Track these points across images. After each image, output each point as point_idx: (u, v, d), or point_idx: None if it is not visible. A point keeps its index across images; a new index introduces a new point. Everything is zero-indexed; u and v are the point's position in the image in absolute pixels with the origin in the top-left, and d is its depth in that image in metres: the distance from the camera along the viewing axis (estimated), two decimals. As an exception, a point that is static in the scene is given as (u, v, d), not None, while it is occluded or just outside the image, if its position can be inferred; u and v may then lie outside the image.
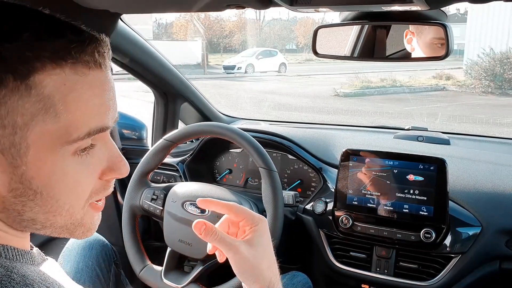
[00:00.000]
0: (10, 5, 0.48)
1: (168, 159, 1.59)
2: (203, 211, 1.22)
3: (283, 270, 1.33)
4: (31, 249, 0.55)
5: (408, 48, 1.16)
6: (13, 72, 0.43)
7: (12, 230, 0.51)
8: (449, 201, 1.18)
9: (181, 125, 1.82)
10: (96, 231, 0.58)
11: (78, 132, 0.47)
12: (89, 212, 0.54)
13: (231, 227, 0.72)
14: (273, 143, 1.53)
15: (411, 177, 1.20)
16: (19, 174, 0.46)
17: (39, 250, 0.58)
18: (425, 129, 1.64)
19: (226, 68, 16.45)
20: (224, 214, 0.71)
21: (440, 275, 1.21)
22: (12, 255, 0.50)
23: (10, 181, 0.47)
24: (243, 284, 0.69)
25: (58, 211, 0.50)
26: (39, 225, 0.50)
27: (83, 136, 0.48)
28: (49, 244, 1.62)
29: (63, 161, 0.48)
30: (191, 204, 1.24)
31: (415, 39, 1.14)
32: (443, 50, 1.04)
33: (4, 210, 0.49)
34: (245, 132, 1.26)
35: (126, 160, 0.56)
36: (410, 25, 1.14)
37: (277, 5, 0.93)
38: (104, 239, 1.29)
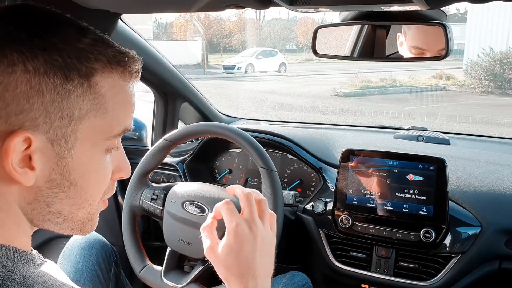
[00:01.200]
0: (65, 16, 0.53)
1: (168, 159, 1.59)
2: (203, 211, 1.22)
3: (283, 270, 1.34)
4: (31, 251, 0.55)
5: (400, 51, 1.16)
6: (78, 70, 0.49)
7: (27, 224, 0.53)
8: (449, 201, 1.18)
9: (181, 125, 1.82)
10: (96, 231, 0.60)
11: (118, 128, 0.55)
12: (99, 208, 0.59)
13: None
14: (273, 143, 1.53)
15: (411, 177, 1.21)
16: (63, 165, 0.51)
17: (38, 253, 0.59)
18: (425, 129, 1.64)
19: (226, 68, 16.44)
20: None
21: (439, 275, 1.21)
22: (14, 256, 0.50)
23: (51, 172, 0.50)
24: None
25: (83, 204, 0.55)
26: (61, 218, 0.54)
27: (121, 132, 0.55)
28: (48, 245, 1.62)
29: (99, 155, 0.54)
30: (191, 204, 1.24)
31: (404, 43, 1.15)
32: (423, 55, 1.05)
33: (34, 201, 0.51)
34: (245, 132, 1.26)
35: (128, 161, 0.62)
36: (402, 29, 1.15)
37: (276, 5, 0.93)
38: (104, 239, 1.29)
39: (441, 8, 0.98)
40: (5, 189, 0.49)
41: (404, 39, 1.15)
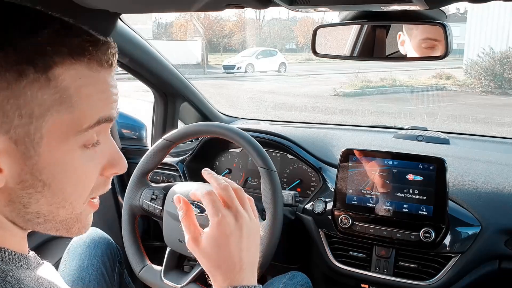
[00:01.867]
0: (28, 8, 0.50)
1: (167, 159, 1.59)
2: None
3: (282, 270, 1.34)
4: (27, 253, 0.55)
5: (402, 50, 1.16)
6: (34, 64, 0.46)
7: (13, 227, 0.51)
8: (449, 201, 1.18)
9: (180, 125, 1.82)
10: None
11: (89, 120, 0.50)
12: (87, 209, 0.56)
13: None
14: (273, 142, 1.53)
15: (410, 176, 1.21)
16: (31, 165, 0.48)
17: (35, 254, 0.58)
18: (425, 129, 1.64)
19: (226, 67, 16.43)
20: None
21: (439, 274, 1.21)
22: (9, 258, 0.50)
23: (20, 172, 0.48)
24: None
25: (62, 204, 0.52)
26: (42, 218, 0.51)
27: (93, 124, 0.51)
28: (50, 244, 1.62)
29: (73, 152, 0.50)
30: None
31: (407, 42, 1.14)
32: (433, 51, 1.05)
33: (9, 203, 0.49)
34: (244, 132, 1.26)
35: (123, 156, 0.59)
36: (402, 28, 1.15)
37: (276, 4, 0.93)
38: (109, 237, 1.29)
39: (440, 8, 0.98)
40: None
41: (408, 36, 1.15)
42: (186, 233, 0.70)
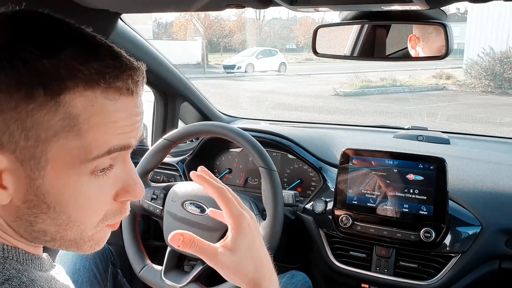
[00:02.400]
0: (54, 19, 0.48)
1: (168, 159, 1.59)
2: (203, 210, 1.22)
3: (283, 269, 1.33)
4: (41, 255, 0.55)
5: (412, 53, 1.15)
6: (44, 87, 0.44)
7: (22, 238, 0.51)
8: (449, 201, 1.18)
9: (181, 125, 1.82)
10: None
11: (98, 150, 0.48)
12: (103, 230, 0.54)
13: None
14: (273, 142, 1.53)
15: (411, 176, 1.21)
16: (35, 186, 0.47)
17: (49, 256, 0.58)
18: (425, 129, 1.64)
19: (226, 67, 16.44)
20: None
21: (439, 274, 1.21)
22: (23, 259, 0.50)
23: (25, 192, 0.47)
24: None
25: (69, 226, 0.50)
26: (49, 237, 0.50)
27: (102, 154, 0.48)
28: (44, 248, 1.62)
29: (79, 179, 0.48)
30: (191, 203, 1.24)
31: (420, 45, 1.14)
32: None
33: (16, 220, 0.49)
34: (245, 132, 1.26)
35: (141, 182, 0.55)
36: (414, 30, 1.14)
37: (276, 4, 0.93)
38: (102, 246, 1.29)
39: (441, 8, 0.98)
40: None
41: (424, 40, 1.13)
42: (204, 255, 0.62)
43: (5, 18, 0.47)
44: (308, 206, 1.40)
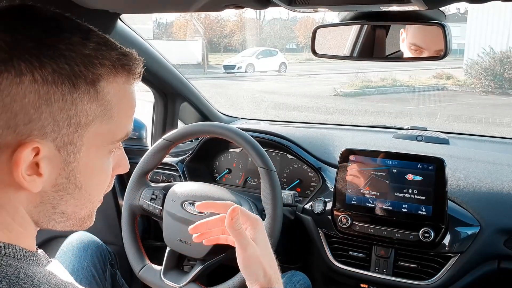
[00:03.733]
0: (68, 16, 0.52)
1: (167, 159, 1.59)
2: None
3: (282, 269, 1.33)
4: (36, 251, 0.56)
5: (402, 47, 1.17)
6: (85, 76, 0.49)
7: (31, 226, 0.53)
8: (448, 201, 1.18)
9: (180, 125, 1.83)
10: (96, 231, 0.61)
11: (121, 133, 0.55)
12: (98, 204, 0.60)
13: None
14: (273, 142, 1.53)
15: (410, 176, 1.21)
16: (69, 169, 0.51)
17: (44, 252, 0.59)
18: (425, 129, 1.64)
19: (226, 67, 16.43)
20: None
21: (438, 274, 1.21)
22: (20, 256, 0.51)
23: (57, 177, 0.51)
24: (246, 280, 0.74)
25: (86, 204, 0.56)
26: (65, 217, 0.55)
27: (124, 136, 0.56)
28: (43, 247, 1.62)
29: (103, 158, 0.55)
30: (190, 203, 1.24)
31: (405, 34, 1.15)
32: (422, 55, 1.06)
33: (40, 205, 0.52)
34: (244, 132, 1.26)
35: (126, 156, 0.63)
36: (405, 26, 1.15)
37: (275, 5, 0.93)
38: (98, 240, 1.29)
39: (440, 8, 0.98)
40: (13, 196, 0.50)
41: (406, 36, 1.15)
42: (240, 240, 0.72)
43: (12, 11, 0.50)
44: (307, 206, 1.40)
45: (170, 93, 1.73)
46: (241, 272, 0.74)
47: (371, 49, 1.18)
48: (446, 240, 1.19)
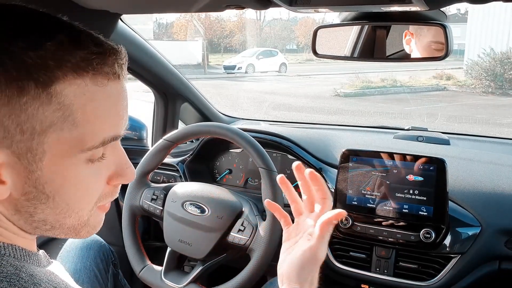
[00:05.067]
0: (36, 12, 0.49)
1: (168, 159, 1.59)
2: (202, 211, 1.22)
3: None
4: (37, 251, 0.56)
5: (407, 49, 1.16)
6: (35, 80, 0.44)
7: (21, 232, 0.52)
8: (449, 201, 1.18)
9: (181, 125, 1.83)
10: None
11: (93, 141, 0.49)
12: (96, 213, 0.56)
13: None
14: (273, 143, 1.53)
15: (410, 177, 1.21)
16: (34, 178, 0.48)
17: (45, 253, 0.59)
18: (425, 129, 1.64)
19: (226, 68, 16.45)
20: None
21: (439, 275, 1.21)
22: (20, 255, 0.51)
23: (24, 185, 0.48)
24: (279, 279, 0.77)
25: (68, 213, 0.52)
26: (49, 225, 0.52)
27: (97, 144, 0.50)
28: (45, 246, 1.62)
29: (76, 168, 0.50)
30: (191, 204, 1.24)
31: (414, 41, 1.14)
32: (440, 53, 1.05)
33: (16, 213, 0.50)
34: (245, 132, 1.26)
35: (132, 166, 0.58)
36: (409, 26, 1.15)
37: (276, 5, 0.93)
38: (101, 239, 1.29)
39: (441, 9, 0.98)
40: None
41: (416, 36, 1.14)
42: (326, 227, 0.77)
43: None
44: (308, 206, 1.40)
45: (170, 93, 1.73)
46: (290, 265, 0.77)
47: (371, 49, 1.18)
48: (447, 241, 1.19)
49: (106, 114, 0.50)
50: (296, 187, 1.53)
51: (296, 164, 0.84)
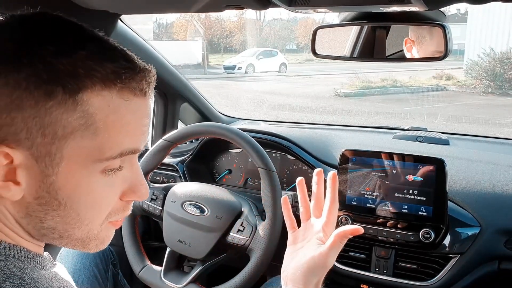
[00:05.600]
0: (69, 21, 0.50)
1: (167, 159, 1.59)
2: (202, 211, 1.22)
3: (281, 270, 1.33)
4: (42, 254, 0.56)
5: (408, 56, 1.16)
6: (63, 85, 0.45)
7: (28, 236, 0.52)
8: (448, 201, 1.18)
9: (180, 125, 1.83)
10: None
11: (111, 151, 0.50)
12: (106, 228, 0.56)
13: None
14: (273, 143, 1.53)
15: (410, 177, 1.21)
16: (48, 183, 0.48)
17: (50, 255, 0.59)
18: (425, 129, 1.64)
19: (226, 68, 16.45)
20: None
21: (439, 275, 1.21)
22: (25, 257, 0.51)
23: (37, 189, 0.48)
24: (283, 281, 0.78)
25: (78, 224, 0.52)
26: (57, 234, 0.52)
27: (115, 156, 0.50)
28: (46, 247, 1.62)
29: (90, 177, 0.50)
30: (190, 204, 1.24)
31: (415, 48, 1.14)
32: (439, 53, 1.04)
33: (26, 216, 0.50)
34: (244, 133, 1.26)
35: (147, 184, 0.58)
36: (410, 33, 1.15)
37: (275, 5, 0.93)
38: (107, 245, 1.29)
39: (440, 9, 0.98)
40: None
41: (419, 44, 1.13)
42: (342, 237, 0.75)
43: (15, 19, 0.48)
44: (308, 206, 1.40)
45: (170, 93, 1.73)
46: (297, 268, 0.77)
47: (371, 49, 1.18)
48: (447, 241, 1.19)
49: (127, 128, 0.50)
50: (295, 188, 1.53)
51: (317, 170, 0.85)
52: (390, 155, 1.24)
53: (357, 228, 0.75)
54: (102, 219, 0.54)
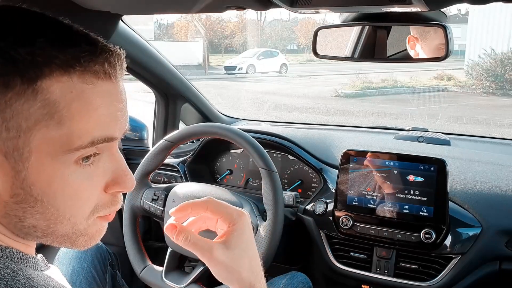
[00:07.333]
0: (28, 11, 0.48)
1: (168, 160, 1.59)
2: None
3: (283, 270, 1.33)
4: (35, 255, 0.55)
5: (412, 53, 1.15)
6: (21, 75, 0.43)
7: (14, 236, 0.51)
8: (449, 202, 1.18)
9: (181, 126, 1.83)
10: None
11: (80, 140, 0.47)
12: (95, 223, 0.53)
13: (208, 222, 0.70)
14: (274, 143, 1.53)
15: (411, 177, 1.21)
16: (21, 179, 0.46)
17: (43, 257, 0.58)
18: (426, 130, 1.64)
19: (227, 68, 16.45)
20: None
21: (440, 275, 1.21)
22: (17, 258, 0.50)
23: (12, 186, 0.46)
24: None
25: (59, 219, 0.49)
26: (40, 232, 0.50)
27: (85, 145, 0.47)
28: (43, 249, 1.63)
29: (64, 169, 0.47)
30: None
31: (419, 45, 1.14)
32: (441, 53, 1.04)
33: (6, 216, 0.48)
34: (245, 133, 1.26)
35: (132, 174, 0.55)
36: (412, 30, 1.14)
37: (277, 6, 0.93)
38: (99, 241, 1.29)
39: (441, 9, 0.98)
40: None
41: (423, 40, 1.13)
42: (197, 250, 0.62)
43: None
44: (309, 207, 1.40)
45: (171, 94, 1.73)
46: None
47: (372, 50, 1.18)
48: (448, 241, 1.19)
49: (95, 114, 0.47)
50: (297, 187, 1.53)
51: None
52: (391, 156, 1.24)
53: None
54: (87, 213, 0.51)
